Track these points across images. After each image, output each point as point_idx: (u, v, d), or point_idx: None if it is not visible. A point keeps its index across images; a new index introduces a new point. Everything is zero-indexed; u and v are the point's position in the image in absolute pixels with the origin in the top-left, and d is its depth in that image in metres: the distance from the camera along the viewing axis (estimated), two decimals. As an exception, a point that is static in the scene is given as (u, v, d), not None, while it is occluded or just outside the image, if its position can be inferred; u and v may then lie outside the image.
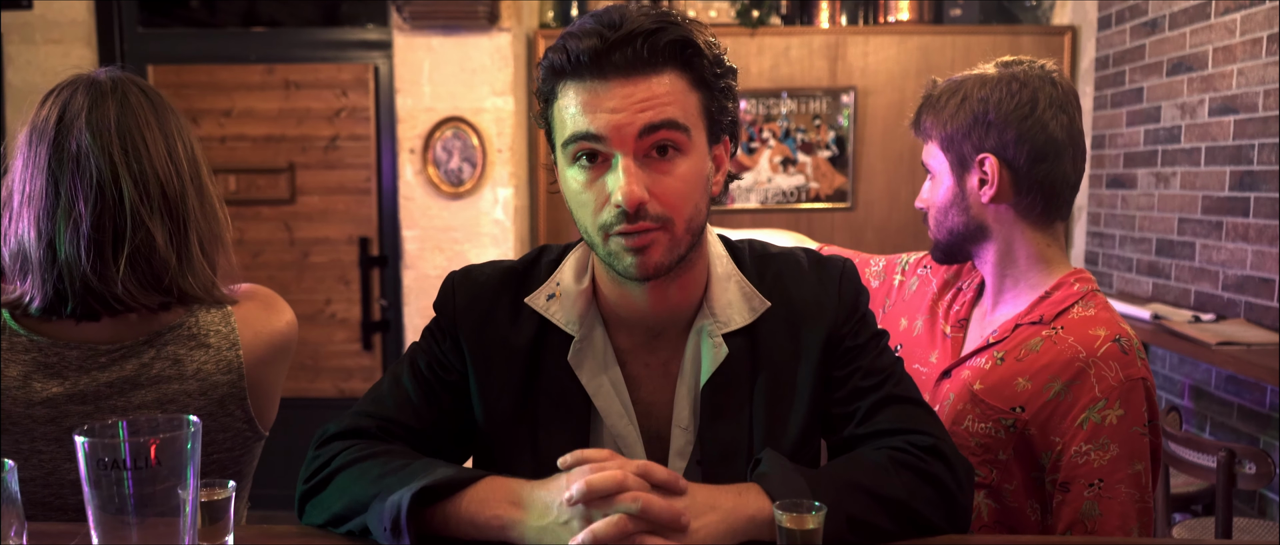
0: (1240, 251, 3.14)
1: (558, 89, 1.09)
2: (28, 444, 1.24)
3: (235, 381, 1.31)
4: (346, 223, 4.16)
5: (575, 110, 1.06)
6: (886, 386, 1.19)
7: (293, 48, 4.14)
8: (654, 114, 1.05)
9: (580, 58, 1.05)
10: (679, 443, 1.19)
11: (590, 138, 1.05)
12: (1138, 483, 1.29)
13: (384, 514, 1.01)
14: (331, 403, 4.23)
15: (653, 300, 1.17)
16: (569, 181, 1.11)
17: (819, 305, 1.21)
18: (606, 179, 1.07)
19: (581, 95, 1.06)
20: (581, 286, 1.20)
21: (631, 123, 1.04)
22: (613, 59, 1.04)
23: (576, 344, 1.19)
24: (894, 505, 1.06)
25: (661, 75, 1.06)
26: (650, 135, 1.05)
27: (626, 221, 1.06)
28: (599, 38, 1.04)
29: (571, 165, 1.09)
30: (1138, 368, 1.31)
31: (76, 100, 1.25)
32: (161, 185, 1.27)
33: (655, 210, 1.06)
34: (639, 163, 1.06)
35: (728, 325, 1.19)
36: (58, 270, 1.23)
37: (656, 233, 1.07)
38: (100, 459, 0.85)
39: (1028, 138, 1.37)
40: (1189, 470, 2.31)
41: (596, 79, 1.05)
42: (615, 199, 1.05)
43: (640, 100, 1.05)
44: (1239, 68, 3.12)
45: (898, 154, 4.17)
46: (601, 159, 1.07)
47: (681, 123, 1.07)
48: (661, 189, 1.07)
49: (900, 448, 1.12)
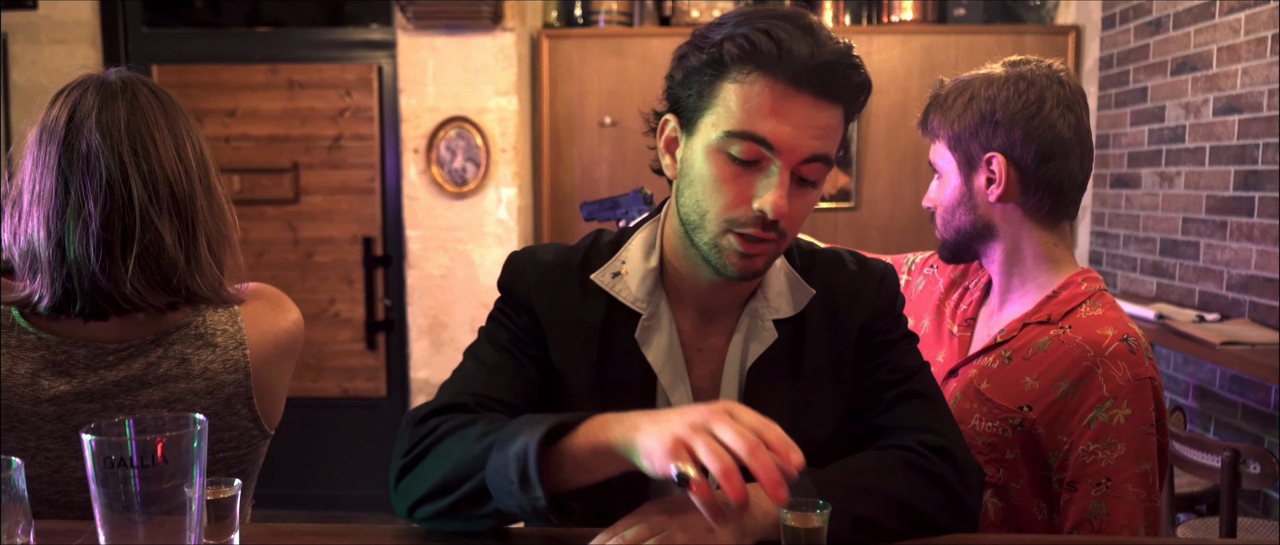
0: (1244, 251, 3.13)
1: (742, 72, 1.05)
2: (35, 442, 1.24)
3: (242, 381, 1.31)
4: (350, 222, 4.16)
5: (758, 107, 1.04)
6: (909, 383, 1.21)
7: (297, 48, 4.14)
8: (823, 145, 1.07)
9: (790, 58, 1.03)
10: None
11: (762, 143, 1.05)
12: (1145, 482, 1.29)
13: (510, 467, 0.95)
14: (335, 402, 4.24)
15: (719, 289, 1.19)
16: (710, 162, 1.08)
17: (858, 299, 1.23)
18: (757, 182, 1.07)
19: (767, 96, 1.04)
20: (650, 265, 1.21)
21: (806, 146, 1.05)
22: (812, 75, 1.04)
23: (644, 321, 1.19)
24: (900, 506, 1.06)
25: (836, 109, 1.08)
26: (811, 163, 1.07)
27: (759, 228, 1.07)
28: (810, 48, 1.03)
29: (721, 152, 1.07)
30: (1145, 367, 1.31)
31: (86, 100, 1.25)
32: (170, 185, 1.27)
33: (783, 226, 1.09)
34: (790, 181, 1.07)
35: (778, 312, 1.21)
36: (67, 269, 1.23)
37: (772, 243, 1.10)
38: (107, 457, 0.85)
39: (1035, 137, 1.37)
40: (1193, 470, 2.31)
41: (789, 85, 1.04)
42: (762, 206, 1.06)
43: (820, 126, 1.06)
44: (1243, 67, 3.11)
45: (901, 153, 4.17)
46: (760, 161, 1.07)
47: (833, 158, 1.10)
48: (793, 209, 1.09)
49: (910, 447, 1.12)
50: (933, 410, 1.19)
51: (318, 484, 4.28)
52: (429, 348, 4.08)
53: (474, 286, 4.04)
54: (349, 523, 1.18)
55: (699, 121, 1.10)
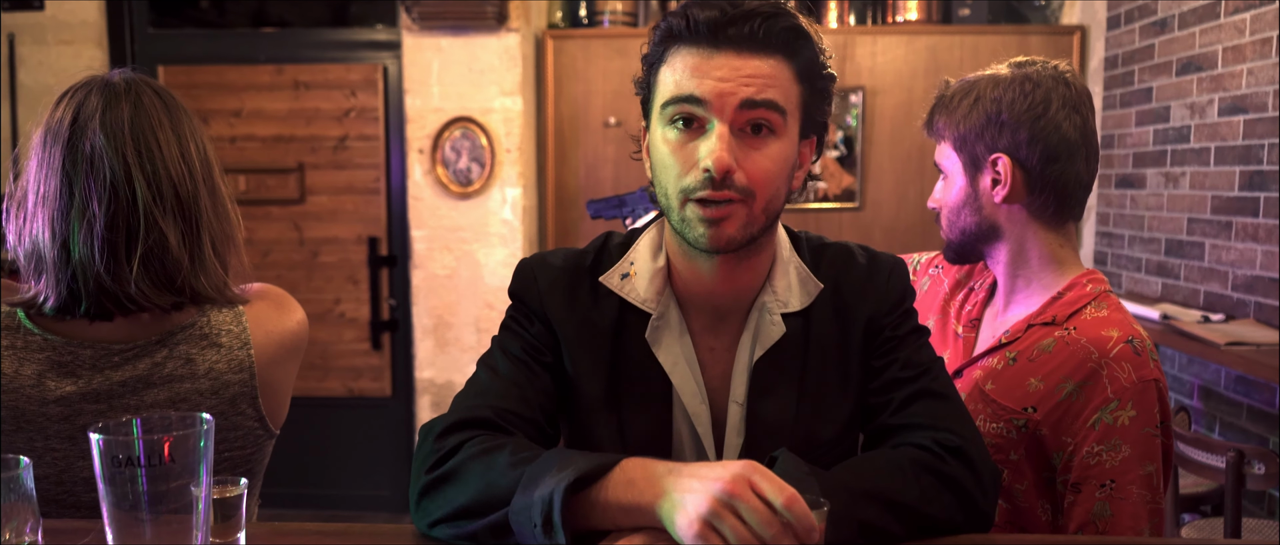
0: (1249, 251, 3.13)
1: (668, 53, 1.12)
2: (42, 442, 1.24)
3: (247, 380, 1.31)
4: (355, 222, 4.17)
5: (682, 73, 1.10)
6: (922, 381, 1.19)
7: (302, 48, 4.15)
8: (757, 90, 1.08)
9: (698, 25, 1.08)
10: (735, 419, 1.20)
11: (692, 101, 1.08)
12: (1149, 484, 1.29)
13: (534, 509, 0.95)
14: (340, 402, 4.25)
15: (722, 277, 1.19)
16: (659, 142, 1.13)
17: (865, 293, 1.23)
18: (699, 144, 1.09)
19: (691, 59, 1.09)
20: (657, 264, 1.22)
21: (735, 93, 1.07)
22: (728, 32, 1.08)
23: (654, 321, 1.20)
24: (908, 511, 1.05)
25: (770, 58, 1.10)
26: (750, 110, 1.08)
27: (711, 188, 1.08)
28: (720, 10, 1.08)
29: (666, 126, 1.12)
30: (1150, 369, 1.31)
31: (91, 101, 1.26)
32: (174, 186, 1.27)
33: (740, 182, 1.08)
34: (734, 135, 1.09)
35: (786, 306, 1.21)
36: (72, 270, 1.23)
37: (736, 205, 1.10)
38: (115, 456, 0.85)
39: (1041, 138, 1.37)
40: (1198, 471, 2.30)
41: (709, 47, 1.09)
42: (704, 164, 1.07)
43: (747, 75, 1.08)
44: (1248, 67, 3.11)
45: (906, 154, 4.17)
46: (697, 125, 1.10)
47: (781, 105, 1.10)
48: (750, 164, 1.09)
49: (925, 446, 1.11)
50: (948, 408, 1.17)
51: (323, 483, 4.28)
52: (434, 348, 4.09)
53: (479, 287, 4.04)
54: (354, 522, 1.18)
55: (651, 113, 1.16)
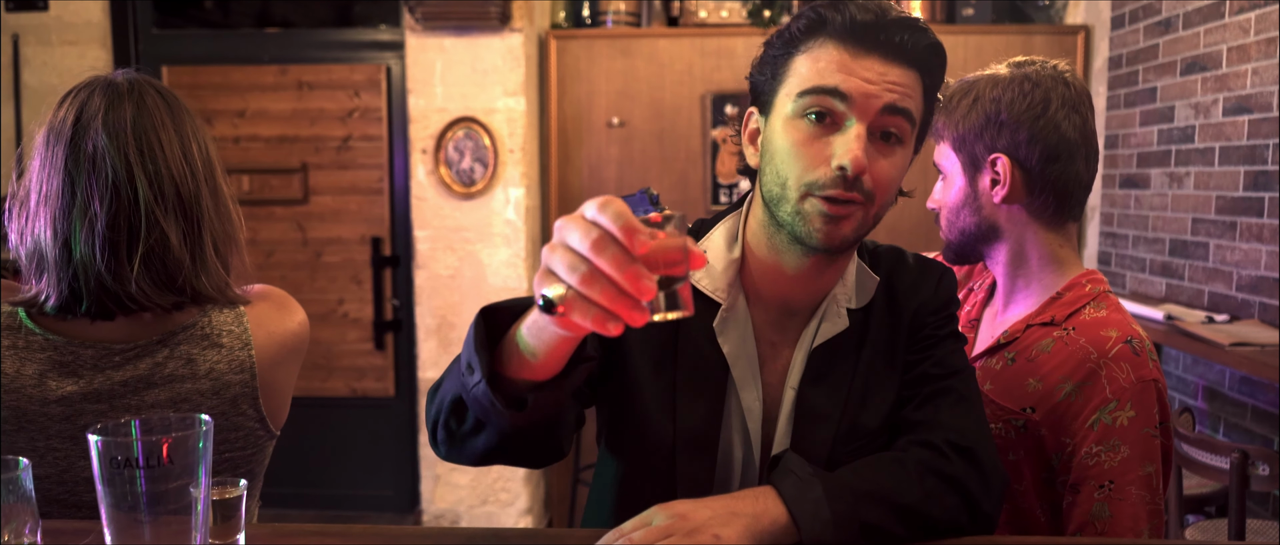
0: (1254, 252, 3.12)
1: (812, 42, 1.10)
2: (43, 441, 1.25)
3: (247, 381, 1.32)
4: (359, 223, 4.17)
5: (827, 65, 1.08)
6: (949, 381, 1.20)
7: (306, 49, 4.16)
8: (898, 98, 1.08)
9: (854, 22, 1.08)
10: (787, 406, 1.20)
11: (836, 95, 1.07)
12: (1149, 485, 1.29)
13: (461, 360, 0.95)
14: (344, 402, 4.25)
15: (807, 277, 1.18)
16: (787, 131, 1.10)
17: (915, 291, 1.25)
18: (833, 140, 1.08)
19: (839, 55, 1.08)
20: (732, 256, 1.21)
21: (879, 96, 1.07)
22: (880, 37, 1.07)
23: (723, 312, 1.19)
24: (910, 513, 1.06)
25: (910, 70, 1.10)
26: (889, 116, 1.08)
27: (841, 187, 1.07)
28: (876, 13, 1.08)
29: (798, 117, 1.10)
30: (1149, 369, 1.31)
31: (93, 102, 1.26)
32: (176, 185, 1.28)
33: (867, 184, 1.08)
34: (869, 137, 1.08)
35: (852, 301, 1.22)
36: (73, 269, 1.24)
37: (857, 207, 1.09)
38: (113, 457, 0.86)
39: (1040, 138, 1.37)
40: (1202, 472, 2.30)
41: (858, 46, 1.08)
42: (840, 161, 1.06)
43: (891, 82, 1.08)
44: (1253, 67, 3.10)
45: (909, 154, 4.16)
46: (831, 120, 1.08)
47: (914, 116, 1.11)
48: (877, 169, 1.09)
49: (934, 445, 1.12)
50: (966, 410, 1.18)
51: (326, 483, 4.29)
52: (437, 348, 4.09)
53: (482, 287, 4.05)
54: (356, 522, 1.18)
55: (775, 99, 1.13)
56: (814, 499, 1.01)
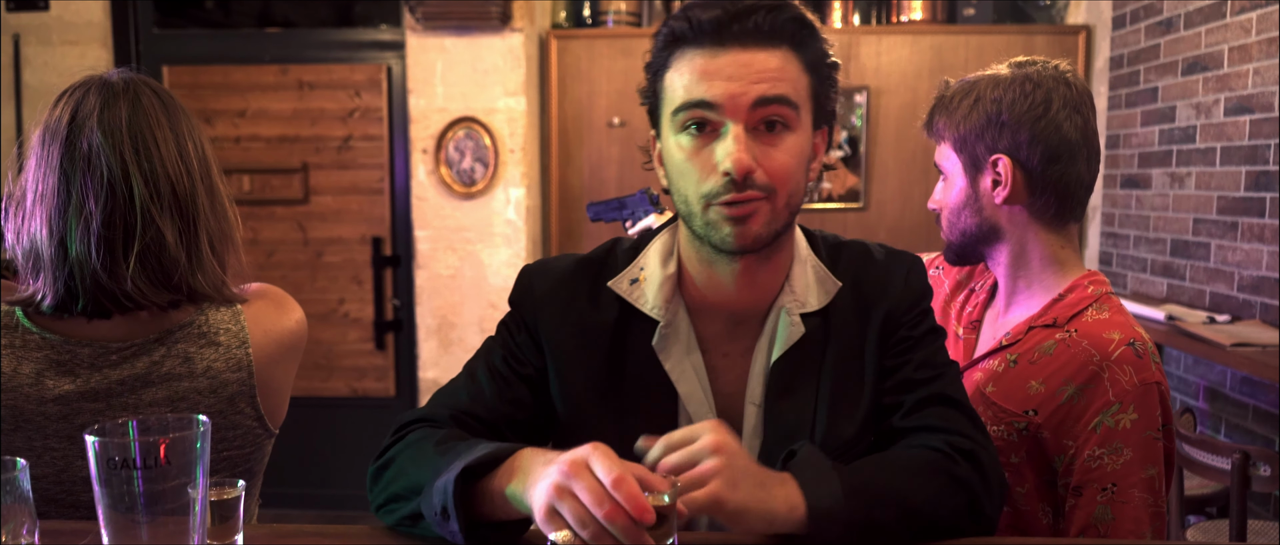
0: (1256, 252, 3.12)
1: (673, 58, 1.11)
2: (40, 441, 1.24)
3: (245, 380, 1.31)
4: (359, 222, 4.17)
5: (690, 77, 1.08)
6: (936, 384, 1.18)
7: (306, 48, 4.16)
8: (769, 87, 1.07)
9: (702, 25, 1.07)
10: (752, 421, 1.18)
11: (703, 105, 1.07)
12: (1151, 487, 1.29)
13: (433, 497, 0.99)
14: (344, 402, 4.25)
15: (741, 283, 1.17)
16: (674, 150, 1.11)
17: (885, 289, 1.22)
18: (715, 148, 1.08)
19: (698, 62, 1.08)
20: (668, 271, 1.20)
21: (746, 93, 1.06)
22: (732, 29, 1.07)
23: (661, 329, 1.18)
24: (920, 516, 1.05)
25: (777, 51, 1.08)
26: (763, 108, 1.07)
27: (733, 190, 1.07)
28: (722, 8, 1.07)
29: (679, 133, 1.10)
30: (1152, 372, 1.30)
31: (89, 101, 1.26)
32: (172, 184, 1.27)
33: (761, 180, 1.07)
34: (749, 134, 1.07)
35: (805, 306, 1.19)
36: (69, 268, 1.24)
37: (760, 203, 1.08)
38: (111, 458, 0.85)
39: (1041, 139, 1.36)
40: (1203, 472, 2.29)
41: (715, 47, 1.07)
42: (724, 167, 1.06)
43: (757, 72, 1.07)
44: (1254, 67, 3.10)
45: (911, 154, 4.16)
46: (711, 128, 1.08)
47: (793, 100, 1.09)
48: (769, 162, 1.08)
49: (939, 449, 1.11)
50: (961, 413, 1.17)
51: (326, 484, 4.29)
52: (437, 348, 4.09)
53: (482, 287, 4.04)
54: (357, 523, 1.18)
55: (661, 120, 1.14)
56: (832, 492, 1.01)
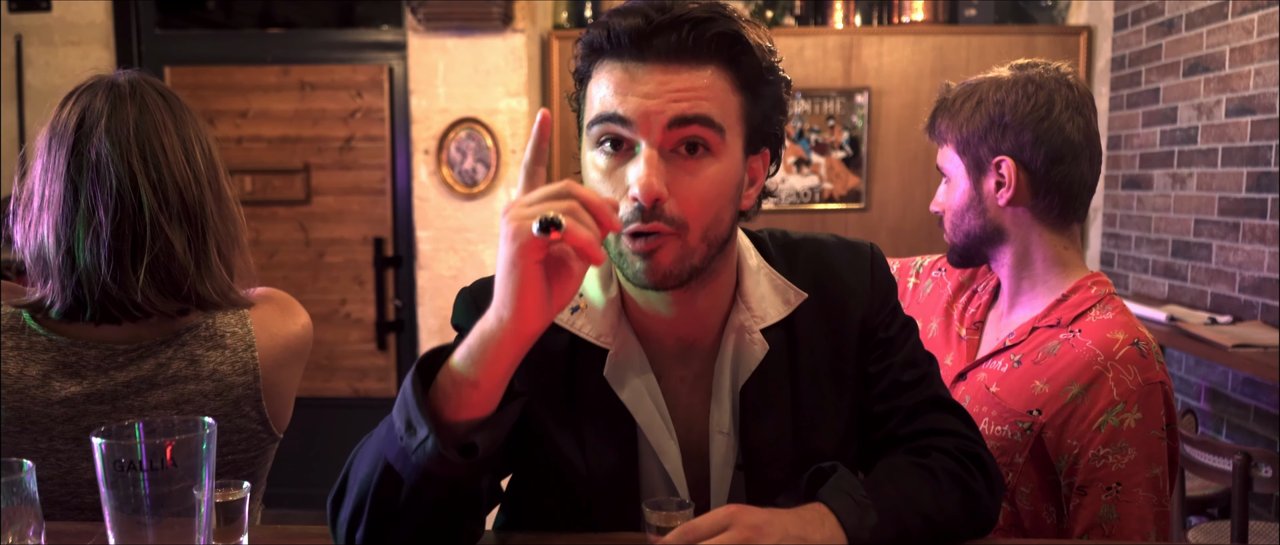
0: (1257, 253, 3.12)
1: (593, 68, 1.03)
2: (46, 443, 1.25)
3: (251, 383, 1.32)
4: (361, 223, 4.17)
5: (606, 91, 1.00)
6: (926, 385, 1.15)
7: (308, 49, 4.16)
8: (688, 106, 0.97)
9: (620, 37, 0.98)
10: (721, 450, 1.12)
11: (616, 120, 0.98)
12: (1155, 487, 1.29)
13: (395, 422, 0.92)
14: (346, 402, 4.25)
15: (679, 311, 1.09)
16: (588, 167, 1.03)
17: (852, 292, 1.15)
18: (627, 169, 0.99)
19: (615, 75, 0.99)
20: (609, 295, 1.12)
21: (662, 111, 0.97)
22: (654, 43, 0.97)
23: (612, 357, 1.11)
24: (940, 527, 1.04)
25: (704, 68, 0.99)
26: (680, 128, 0.98)
27: (640, 219, 0.97)
28: (644, 18, 0.97)
29: (594, 148, 1.02)
30: (1156, 372, 1.30)
31: (96, 105, 1.26)
32: (180, 192, 1.27)
33: (671, 212, 0.98)
34: (664, 156, 0.98)
35: (764, 320, 1.12)
36: (77, 277, 1.24)
37: (668, 237, 0.99)
38: (117, 460, 0.85)
39: (1044, 140, 1.36)
40: (1205, 473, 2.29)
41: (634, 61, 0.99)
42: (633, 192, 0.97)
43: (676, 90, 0.97)
44: (1256, 68, 3.10)
45: (912, 155, 4.16)
46: (625, 147, 0.99)
47: (717, 122, 0.99)
48: (683, 189, 0.98)
49: (951, 454, 1.09)
50: (959, 415, 1.15)
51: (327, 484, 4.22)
52: (439, 348, 4.09)
53: (484, 287, 4.04)
54: (358, 524, 1.18)
55: (582, 129, 1.06)
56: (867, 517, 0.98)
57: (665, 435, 1.11)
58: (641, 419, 1.11)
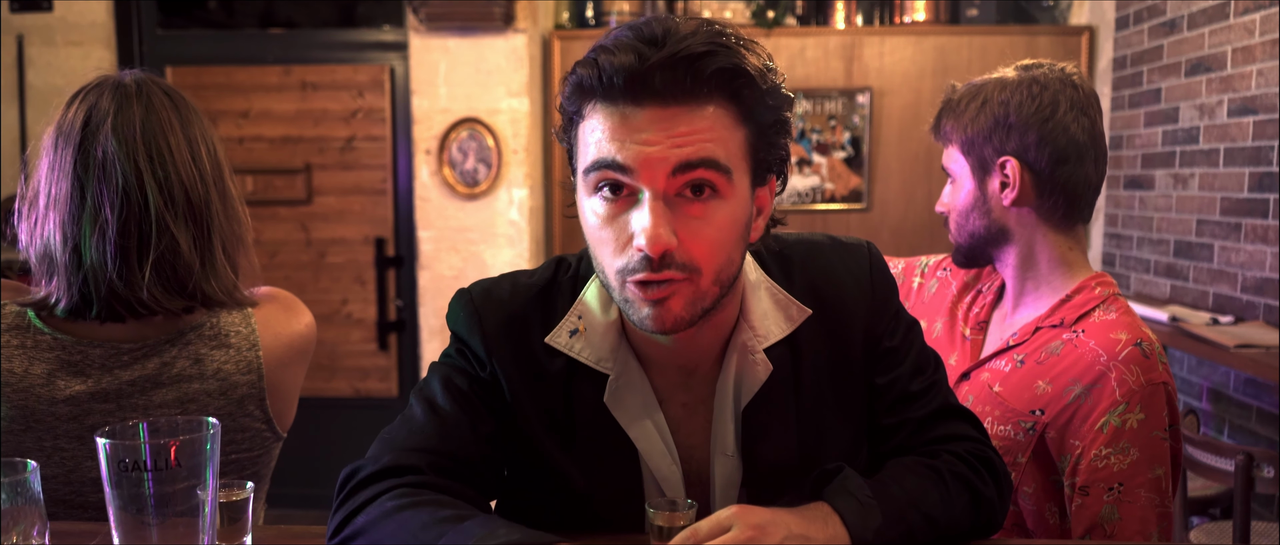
0: (1259, 253, 3.11)
1: (584, 109, 0.95)
2: (51, 442, 1.25)
3: (255, 382, 1.32)
4: (362, 223, 4.17)
5: (601, 135, 0.93)
6: (933, 395, 1.13)
7: (310, 49, 4.16)
8: (692, 151, 0.91)
9: (613, 78, 0.91)
10: (726, 471, 1.09)
11: (616, 167, 0.92)
12: (1158, 488, 1.29)
13: None
14: (347, 402, 4.25)
15: (681, 338, 1.04)
16: (588, 214, 0.97)
17: (853, 300, 1.12)
18: (630, 217, 0.93)
19: (611, 120, 0.92)
20: (610, 318, 1.08)
21: (665, 158, 0.91)
22: (650, 83, 0.90)
23: (612, 382, 1.07)
24: (945, 528, 1.04)
25: (705, 107, 0.92)
26: (685, 173, 0.92)
27: (649, 269, 0.92)
28: (636, 56, 0.90)
29: (592, 195, 0.96)
30: (1159, 372, 1.30)
31: (102, 104, 1.26)
32: (186, 190, 1.27)
33: (681, 259, 0.93)
34: (669, 203, 0.92)
35: (767, 339, 1.08)
36: (83, 275, 1.24)
37: (680, 284, 0.94)
38: (121, 460, 0.85)
39: (1049, 140, 1.36)
40: (1207, 473, 2.29)
41: (629, 104, 0.91)
42: (638, 242, 0.92)
43: (677, 134, 0.91)
44: (1258, 68, 3.09)
45: (913, 155, 4.16)
46: (627, 192, 0.93)
47: (723, 163, 0.93)
48: (692, 235, 0.93)
49: (960, 457, 1.09)
50: (967, 422, 1.15)
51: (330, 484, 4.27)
52: (440, 349, 4.09)
53: (485, 287, 4.04)
54: (360, 524, 1.18)
55: (574, 167, 0.99)
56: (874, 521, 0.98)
57: (668, 460, 1.09)
58: (643, 446, 1.08)
